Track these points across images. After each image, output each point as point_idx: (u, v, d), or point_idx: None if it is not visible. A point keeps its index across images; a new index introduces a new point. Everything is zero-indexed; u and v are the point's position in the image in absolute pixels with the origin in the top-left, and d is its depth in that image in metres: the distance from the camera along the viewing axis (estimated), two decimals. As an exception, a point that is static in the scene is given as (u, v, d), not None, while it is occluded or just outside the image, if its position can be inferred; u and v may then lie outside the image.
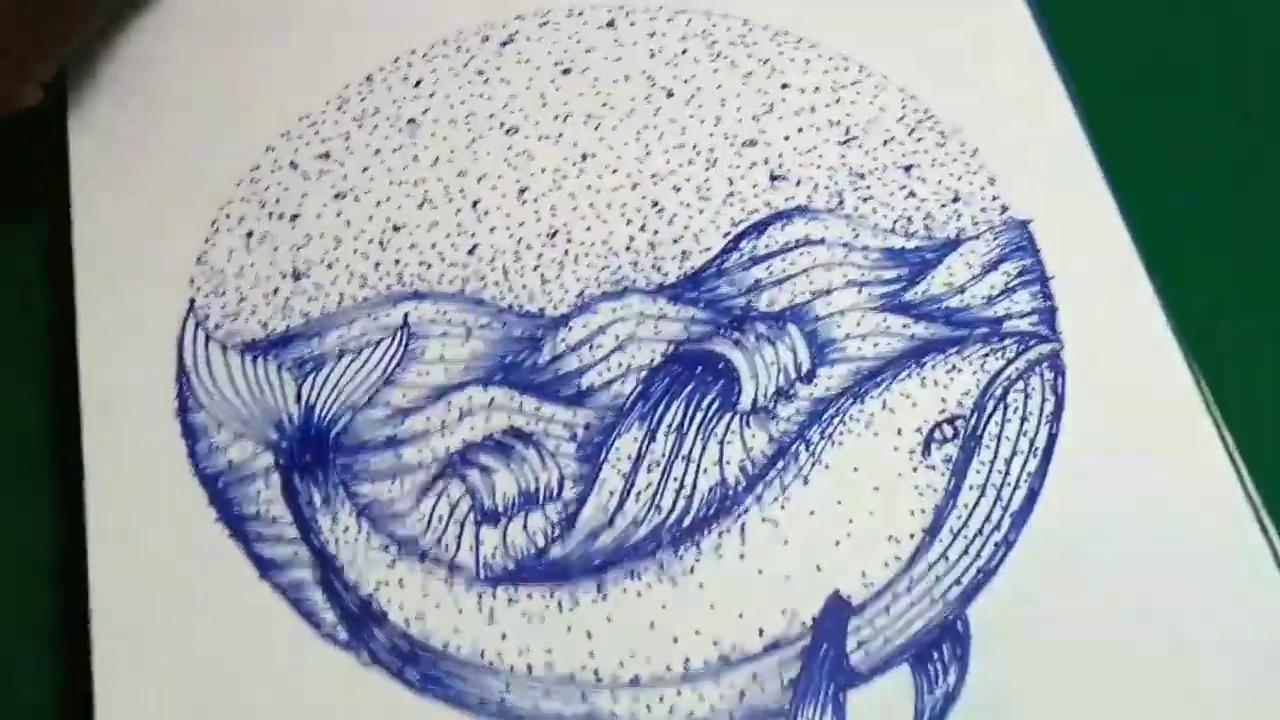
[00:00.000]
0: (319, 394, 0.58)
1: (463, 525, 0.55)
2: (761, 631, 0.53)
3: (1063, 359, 0.59)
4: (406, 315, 0.60)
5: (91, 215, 0.61)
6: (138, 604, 0.53)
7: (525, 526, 0.55)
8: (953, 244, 0.62)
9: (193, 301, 0.60)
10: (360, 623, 0.53)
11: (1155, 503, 0.56)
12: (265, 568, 0.54)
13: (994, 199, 0.63)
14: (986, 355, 0.59)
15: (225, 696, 0.52)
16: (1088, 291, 0.60)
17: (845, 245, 0.61)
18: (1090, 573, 0.54)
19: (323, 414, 0.57)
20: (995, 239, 0.62)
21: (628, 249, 0.61)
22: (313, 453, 0.57)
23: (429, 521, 0.55)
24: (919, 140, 0.64)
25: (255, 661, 0.52)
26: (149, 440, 0.56)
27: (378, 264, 0.61)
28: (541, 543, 0.55)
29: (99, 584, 0.53)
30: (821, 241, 0.62)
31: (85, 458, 0.55)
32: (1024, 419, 0.57)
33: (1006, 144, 0.64)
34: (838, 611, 0.54)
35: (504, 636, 0.53)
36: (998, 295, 0.60)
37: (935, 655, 0.53)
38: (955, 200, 0.63)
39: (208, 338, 0.59)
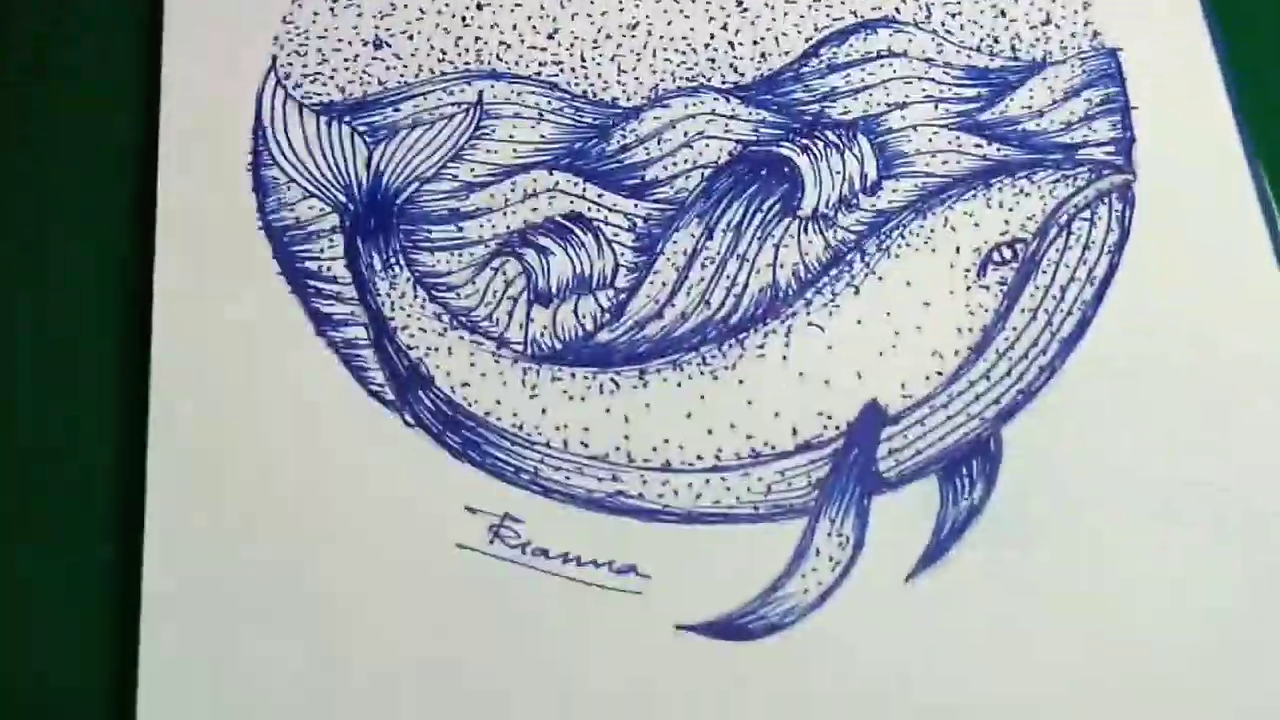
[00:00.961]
0: (389, 161, 0.59)
1: (515, 302, 0.57)
2: (795, 431, 0.55)
3: (1134, 191, 0.58)
4: (481, 93, 0.60)
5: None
6: (197, 348, 0.55)
7: (576, 309, 0.57)
8: (1038, 66, 0.61)
9: (275, 59, 0.61)
10: (407, 385, 0.55)
11: (1210, 346, 0.56)
12: (321, 323, 0.56)
13: (1086, 24, 0.62)
14: (1057, 181, 0.58)
15: (275, 445, 0.54)
16: (1170, 127, 0.60)
17: (927, 60, 0.61)
18: (1132, 408, 0.55)
19: (391, 181, 0.59)
20: (1082, 64, 0.61)
21: (707, 46, 0.61)
22: (377, 218, 0.58)
23: (483, 295, 0.57)
24: (1017, -44, 0.63)
25: (305, 414, 0.54)
26: (221, 190, 0.58)
27: (459, 39, 0.61)
28: (590, 326, 0.56)
29: (161, 328, 0.55)
30: (904, 54, 0.61)
31: (159, 201, 0.57)
32: (1086, 247, 0.57)
33: (1107, -34, 0.63)
34: (873, 419, 0.55)
35: (544, 411, 0.55)
36: (1077, 122, 0.60)
37: (964, 470, 0.54)
38: (1046, 22, 0.62)
39: (287, 95, 0.60)
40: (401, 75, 0.61)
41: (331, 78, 0.61)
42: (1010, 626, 0.52)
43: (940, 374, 0.55)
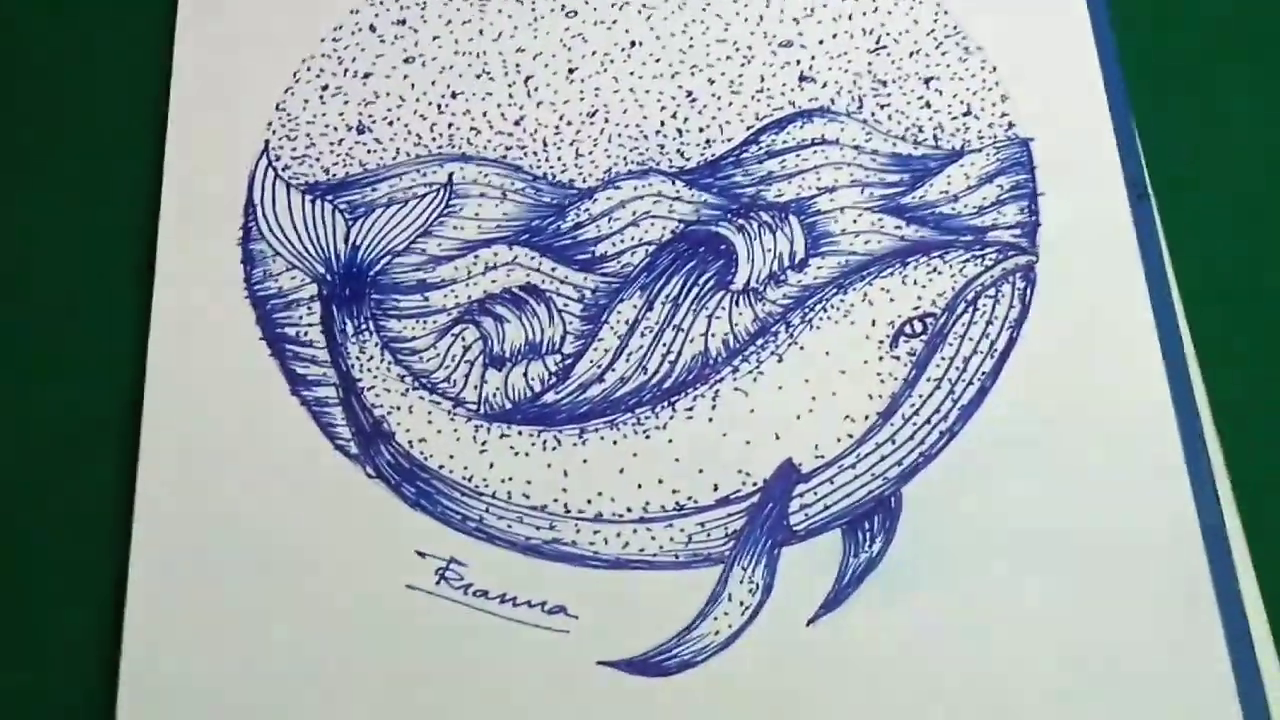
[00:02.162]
0: (365, 236, 0.63)
1: (472, 365, 0.61)
2: (716, 487, 0.58)
3: (1036, 271, 0.62)
4: (451, 175, 0.64)
5: (190, 55, 0.67)
6: (185, 402, 0.60)
7: (526, 373, 0.60)
8: (956, 155, 0.65)
9: (267, 143, 0.66)
10: (370, 440, 0.59)
11: (1094, 419, 0.59)
12: (296, 383, 0.60)
13: (1003, 115, 0.65)
14: (967, 260, 0.62)
15: (250, 492, 0.58)
16: (1072, 213, 0.63)
17: (857, 148, 0.65)
18: (1021, 471, 0.58)
19: (365, 254, 0.63)
20: (996, 153, 0.64)
21: (658, 133, 0.66)
22: (352, 288, 0.62)
23: (443, 359, 0.61)
24: (944, 54, 0.67)
25: (278, 464, 0.59)
26: (213, 261, 0.62)
27: (433, 125, 0.66)
28: (538, 388, 0.60)
29: (154, 383, 0.60)
30: (836, 142, 0.65)
31: (157, 269, 0.62)
32: (989, 322, 0.61)
33: (1024, 64, 0.66)
34: (787, 477, 0.58)
35: (491, 466, 0.59)
36: (988, 206, 0.63)
37: (866, 525, 0.57)
38: (967, 114, 0.66)
39: (276, 176, 0.64)
40: (380, 158, 0.65)
41: (317, 160, 0.65)
42: (900, 669, 0.55)
43: (851, 436, 0.59)
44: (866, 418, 0.59)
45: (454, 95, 0.67)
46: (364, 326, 0.61)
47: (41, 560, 0.59)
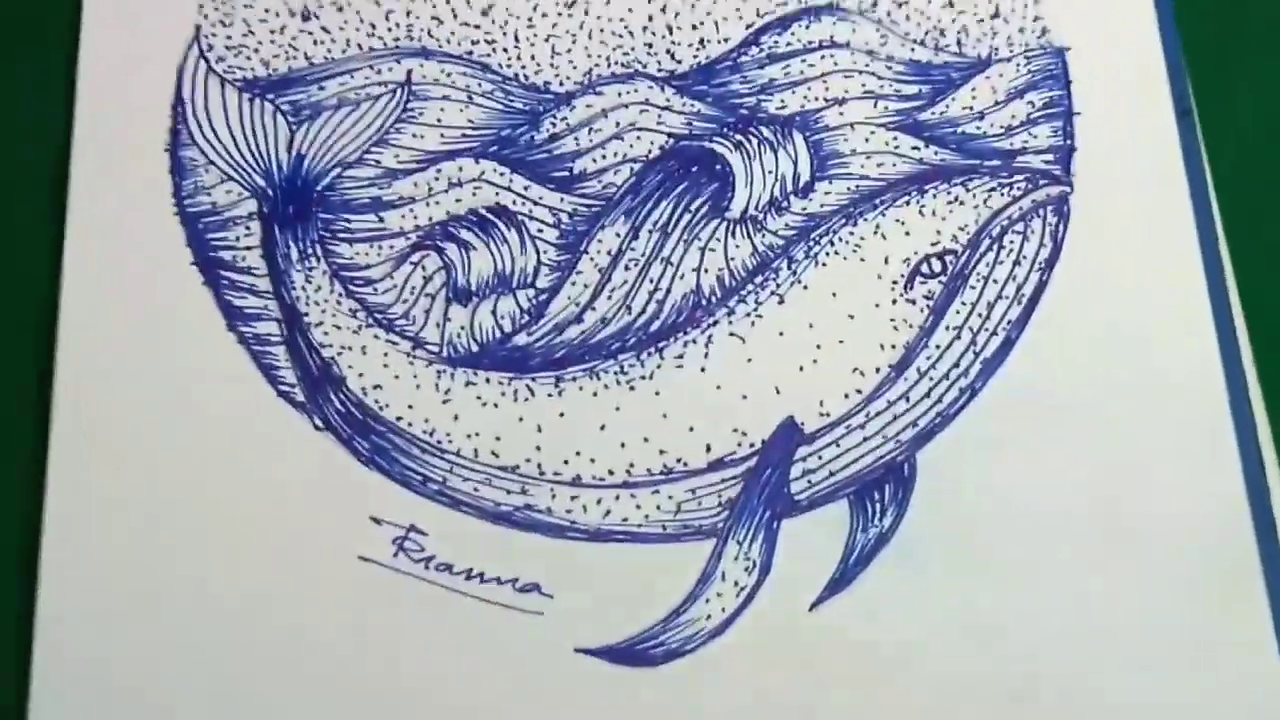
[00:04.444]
0: (311, 144, 0.58)
1: (433, 300, 0.56)
2: (709, 448, 0.54)
3: (1070, 204, 0.57)
4: (410, 73, 0.59)
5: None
6: (104, 339, 0.54)
7: (495, 310, 0.56)
8: (982, 64, 0.59)
9: (198, 28, 0.59)
10: (318, 385, 0.55)
11: (1135, 373, 0.55)
12: (233, 317, 0.55)
13: (1035, 20, 0.60)
14: (992, 190, 0.57)
15: (180, 444, 0.53)
16: (1113, 137, 0.58)
17: (870, 52, 0.59)
18: (1051, 436, 0.54)
19: (312, 165, 0.57)
20: (1027, 64, 0.59)
21: (645, 29, 0.60)
22: (296, 205, 0.57)
23: (401, 291, 0.56)
24: (971, -57, 0.61)
25: (212, 412, 0.54)
26: (136, 170, 0.57)
27: (389, 12, 0.60)
28: (508, 328, 0.56)
29: (68, 316, 0.55)
30: (846, 45, 0.59)
31: (71, 179, 0.56)
32: (1016, 263, 0.56)
33: (1061, -41, 0.61)
34: (788, 437, 0.54)
35: (456, 418, 0.54)
36: (1017, 126, 0.58)
37: (876, 495, 0.54)
38: (995, 16, 0.60)
39: (209, 69, 0.58)
40: (328, 51, 0.59)
41: (256, 51, 0.59)
42: (915, 659, 0.52)
43: (860, 392, 0.55)
44: (877, 370, 0.55)
45: (413, -23, 0.60)
46: (310, 251, 0.56)
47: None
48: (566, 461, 0.54)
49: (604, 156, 0.58)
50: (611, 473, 0.54)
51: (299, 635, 0.51)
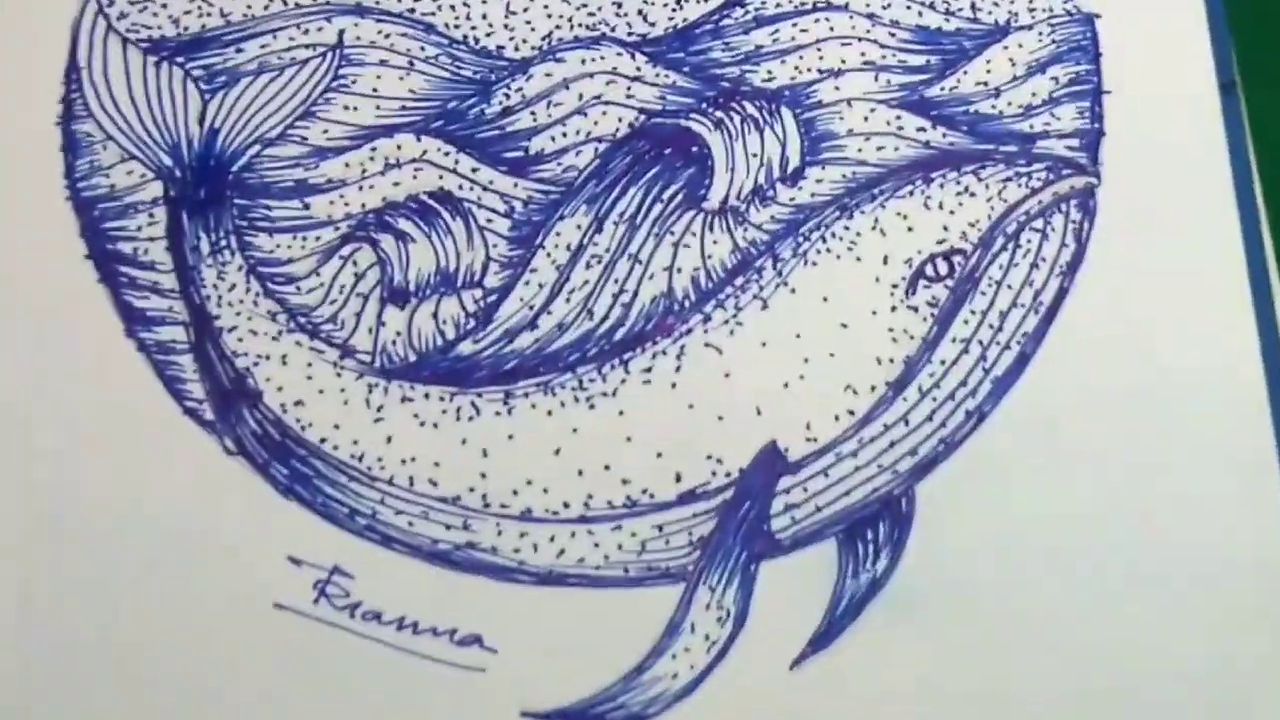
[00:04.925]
0: (227, 116, 0.53)
1: (366, 300, 0.51)
2: (679, 477, 0.50)
3: (1096, 198, 0.52)
4: (342, 33, 0.54)
5: None
6: None
7: (436, 313, 0.51)
8: (999, 32, 0.54)
9: None
10: (231, 402, 0.50)
11: (1167, 398, 0.51)
12: (133, 320, 0.51)
13: None
14: (1008, 180, 0.52)
15: (69, 471, 0.50)
16: (1147, 120, 0.53)
17: (870, 16, 0.55)
18: (1069, 467, 0.50)
19: (228, 141, 0.53)
20: (1051, 32, 0.54)
21: (614, -14, 0.55)
22: (209, 188, 0.52)
23: (328, 290, 0.52)
24: (988, -108, 0.56)
25: (107, 433, 0.50)
26: (21, 148, 0.53)
27: (320, -37, 0.55)
28: (451, 334, 0.51)
29: None
30: (844, 7, 0.54)
31: None
32: (1034, 266, 0.52)
33: (1092, -87, 0.56)
34: (770, 466, 0.50)
35: (389, 440, 0.50)
36: (1038, 106, 0.54)
37: (869, 534, 0.50)
38: (1016, -25, 0.55)
39: (109, 28, 0.54)
40: (248, 6, 0.54)
41: (165, 6, 0.54)
42: None
43: (852, 414, 0.50)
44: (873, 389, 0.51)
45: (347, -78, 0.55)
46: (224, 243, 0.52)
47: None
48: (515, 492, 0.50)
49: (564, 135, 0.53)
50: (567, 505, 0.50)
51: (201, 696, 0.48)
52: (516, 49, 0.54)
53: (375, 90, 0.53)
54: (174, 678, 0.48)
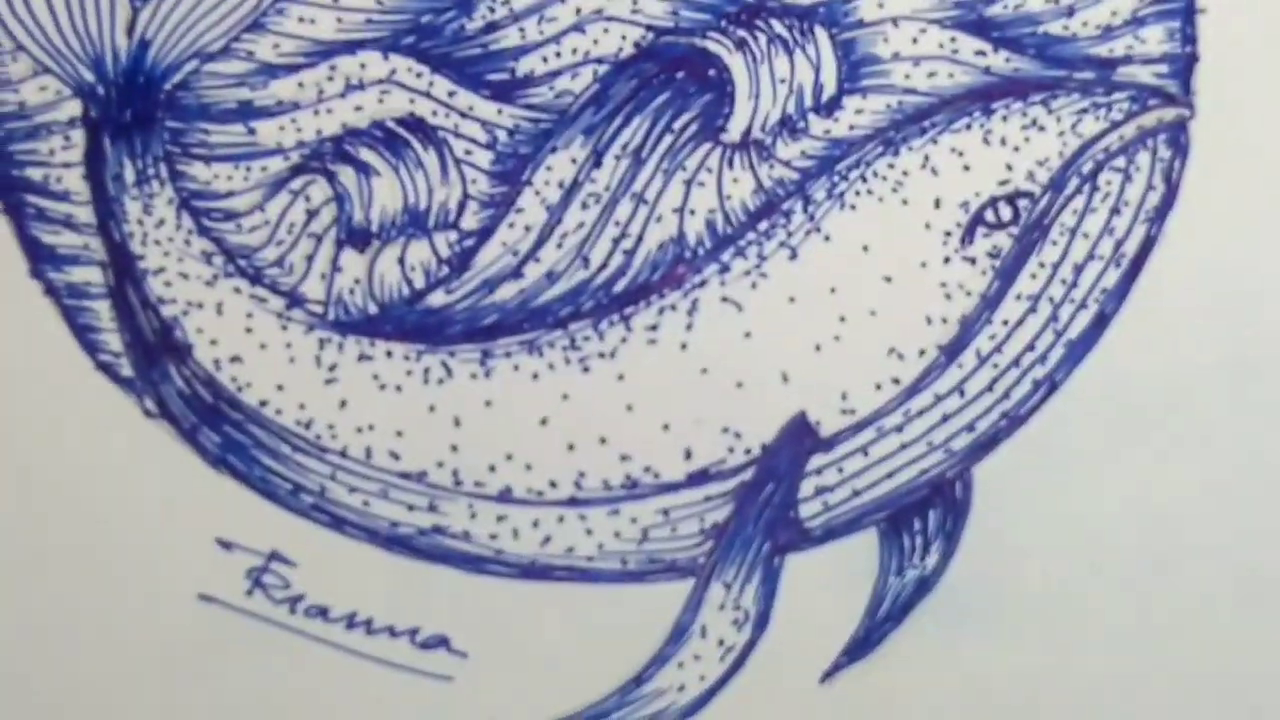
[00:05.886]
0: (160, 26, 0.48)
1: (319, 241, 0.48)
2: (689, 454, 0.47)
3: (1190, 133, 0.49)
4: None
5: None
6: None
7: (402, 258, 0.48)
8: None
9: None
10: (154, 356, 0.48)
11: (1270, 367, 0.48)
12: (40, 258, 0.48)
13: None
14: (1084, 111, 0.49)
15: None
16: (1248, 42, 0.49)
17: None
18: (1154, 448, 0.48)
19: (160, 55, 0.48)
20: None
21: (617, -127, 0.52)
22: (136, 108, 0.48)
23: (275, 229, 0.48)
24: None
25: (5, 386, 0.48)
26: None
27: None
28: (420, 283, 0.49)
29: None
30: None
31: None
32: (1115, 211, 0.48)
33: None
34: (798, 441, 0.48)
35: (343, 405, 0.48)
36: (1120, 26, 0.49)
37: (916, 523, 0.48)
38: None
39: None
40: None
41: None
42: None
43: (897, 382, 0.48)
44: (922, 354, 0.48)
45: None
46: (152, 172, 0.48)
47: None
48: (493, 468, 0.48)
49: (558, 55, 0.49)
50: (554, 485, 0.48)
51: (110, 704, 0.47)
52: (503, -52, 0.51)
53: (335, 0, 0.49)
54: (77, 681, 0.47)
